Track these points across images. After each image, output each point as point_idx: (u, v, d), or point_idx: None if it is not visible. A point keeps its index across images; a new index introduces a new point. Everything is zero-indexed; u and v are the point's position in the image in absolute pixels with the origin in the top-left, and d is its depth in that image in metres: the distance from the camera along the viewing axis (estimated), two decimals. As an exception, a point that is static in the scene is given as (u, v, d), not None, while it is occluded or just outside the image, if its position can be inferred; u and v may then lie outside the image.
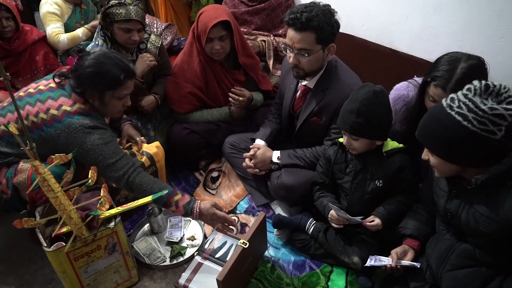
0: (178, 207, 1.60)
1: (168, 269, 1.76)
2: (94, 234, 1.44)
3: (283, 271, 1.72)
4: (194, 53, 2.19)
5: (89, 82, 1.59)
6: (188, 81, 2.21)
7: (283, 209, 1.98)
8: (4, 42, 2.50)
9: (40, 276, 1.75)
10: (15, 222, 1.35)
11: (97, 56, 1.61)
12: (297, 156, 1.90)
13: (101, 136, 1.59)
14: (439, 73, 1.44)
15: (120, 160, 1.60)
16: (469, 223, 1.24)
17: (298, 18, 1.60)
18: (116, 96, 1.65)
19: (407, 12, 2.06)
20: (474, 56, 1.44)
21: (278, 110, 2.14)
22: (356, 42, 2.38)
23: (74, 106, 1.61)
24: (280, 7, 2.60)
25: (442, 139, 1.18)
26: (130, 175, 1.58)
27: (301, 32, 1.63)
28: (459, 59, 1.43)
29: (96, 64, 1.59)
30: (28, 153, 1.30)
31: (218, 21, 2.02)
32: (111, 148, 1.60)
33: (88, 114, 1.62)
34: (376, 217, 1.57)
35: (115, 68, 1.60)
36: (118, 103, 1.69)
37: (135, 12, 2.00)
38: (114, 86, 1.62)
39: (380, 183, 1.60)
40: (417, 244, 1.48)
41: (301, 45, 1.66)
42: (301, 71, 1.76)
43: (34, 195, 1.60)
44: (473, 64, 1.42)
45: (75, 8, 2.93)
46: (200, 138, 2.23)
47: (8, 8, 2.47)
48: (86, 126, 1.58)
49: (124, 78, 1.61)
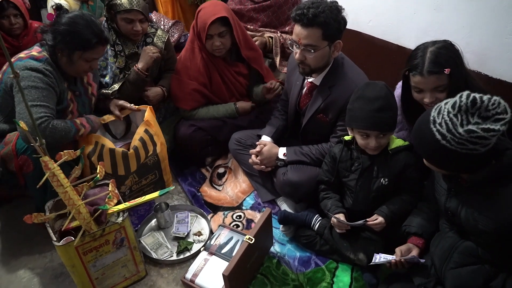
0: (85, 127, 1.76)
1: (175, 264, 1.78)
2: (103, 229, 1.46)
3: (289, 267, 1.73)
4: (196, 50, 2.20)
5: (62, 38, 1.66)
6: (191, 78, 2.22)
7: (289, 205, 1.99)
8: (13, 39, 2.53)
9: (50, 269, 1.78)
10: (26, 217, 1.38)
11: (74, 16, 1.69)
12: (303, 153, 1.90)
13: (36, 79, 1.65)
14: (414, 62, 1.48)
15: (40, 107, 1.63)
16: (468, 221, 1.24)
17: (304, 14, 1.60)
18: (84, 58, 1.71)
19: (414, 8, 2.05)
20: (441, 41, 1.50)
21: (284, 106, 2.14)
22: (363, 38, 2.37)
23: (29, 54, 1.70)
24: (287, 4, 2.60)
25: (427, 150, 1.20)
26: (44, 122, 1.61)
27: (308, 28, 1.63)
28: (427, 46, 1.49)
29: (71, 23, 1.67)
30: (37, 149, 1.32)
31: (217, 18, 2.03)
32: (39, 93, 1.64)
33: (37, 59, 1.69)
34: (379, 216, 1.58)
35: (88, 31, 1.67)
36: (85, 64, 1.74)
37: (136, 2, 2.04)
38: (85, 48, 1.68)
39: (386, 181, 1.60)
40: (421, 242, 1.48)
41: (308, 41, 1.66)
42: (307, 67, 1.76)
43: (21, 162, 1.66)
44: (440, 45, 1.47)
45: (82, 5, 2.95)
46: (206, 134, 2.24)
47: (16, 6, 2.50)
48: (28, 67, 1.65)
49: (95, 43, 1.68)
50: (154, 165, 2.00)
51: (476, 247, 1.27)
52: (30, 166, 1.65)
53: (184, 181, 2.27)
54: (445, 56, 1.44)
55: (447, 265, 1.33)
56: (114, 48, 2.14)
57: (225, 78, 2.27)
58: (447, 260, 1.33)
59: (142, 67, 2.13)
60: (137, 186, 1.99)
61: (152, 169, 2.01)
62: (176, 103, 2.30)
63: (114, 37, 2.12)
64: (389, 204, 1.61)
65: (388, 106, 1.50)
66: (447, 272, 1.33)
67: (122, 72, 2.18)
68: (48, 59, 1.71)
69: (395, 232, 1.59)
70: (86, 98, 1.96)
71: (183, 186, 2.24)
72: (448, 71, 1.43)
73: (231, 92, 2.33)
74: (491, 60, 1.77)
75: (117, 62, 2.15)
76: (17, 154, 1.65)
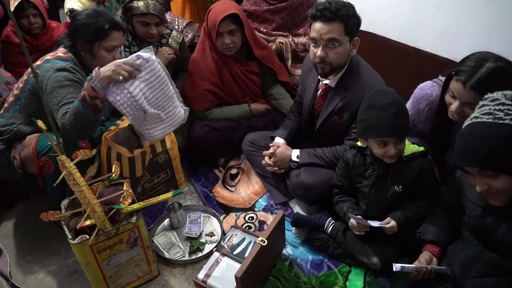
0: (86, 89, 1.48)
1: (187, 264, 1.78)
2: (117, 227, 1.47)
3: (301, 269, 1.72)
4: (207, 50, 2.21)
5: (78, 33, 1.71)
6: (203, 78, 2.23)
7: (302, 207, 1.98)
8: (32, 38, 2.58)
9: (65, 267, 1.80)
10: (42, 215, 1.40)
11: (86, 12, 1.75)
12: (316, 155, 1.89)
13: (62, 78, 1.66)
14: (463, 68, 1.40)
15: (64, 105, 1.61)
16: (505, 240, 1.19)
17: (327, 8, 1.63)
18: (104, 47, 1.73)
19: (432, 10, 2.02)
20: (505, 59, 1.38)
21: (298, 108, 2.13)
22: (379, 40, 2.35)
23: (55, 55, 1.73)
24: (302, 6, 2.59)
25: (496, 152, 1.06)
26: (65, 114, 1.57)
27: (330, 23, 1.65)
28: (488, 58, 1.37)
29: (84, 17, 1.71)
30: (55, 148, 1.34)
31: (226, 15, 2.03)
32: (66, 90, 1.65)
33: (63, 59, 1.72)
34: (392, 219, 1.56)
35: (100, 18, 1.71)
36: (108, 55, 1.75)
37: (153, 6, 2.05)
38: (101, 36, 1.71)
39: (400, 188, 1.57)
40: (437, 250, 1.45)
41: (331, 35, 1.66)
42: (328, 66, 1.74)
43: (42, 164, 1.67)
44: (500, 66, 1.35)
45: (98, 5, 2.98)
46: (220, 135, 2.24)
47: (36, 5, 2.55)
48: (55, 68, 1.67)
49: (109, 28, 1.71)
50: (165, 163, 2.02)
51: (501, 259, 1.23)
52: (51, 167, 1.66)
53: (197, 182, 2.28)
54: (498, 80, 1.32)
55: (468, 273, 1.30)
56: (130, 49, 2.16)
57: (236, 78, 2.28)
58: (469, 268, 1.30)
59: None
60: (150, 185, 2.01)
61: (164, 167, 2.02)
62: (189, 104, 2.31)
63: (130, 38, 2.14)
64: (403, 209, 1.58)
65: (402, 111, 1.49)
66: (467, 280, 1.30)
67: None
68: (74, 59, 1.74)
69: (410, 237, 1.56)
70: (106, 100, 1.97)
71: (196, 187, 2.25)
72: None
73: (243, 91, 2.33)
74: None
75: None
76: (37, 156, 1.67)
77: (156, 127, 1.65)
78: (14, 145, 1.77)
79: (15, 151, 1.75)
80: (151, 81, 1.55)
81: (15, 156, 1.74)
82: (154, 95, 1.57)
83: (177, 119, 1.71)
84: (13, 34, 2.61)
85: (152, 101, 1.57)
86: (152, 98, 1.56)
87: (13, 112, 1.78)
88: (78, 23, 1.71)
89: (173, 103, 1.67)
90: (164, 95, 1.61)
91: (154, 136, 1.66)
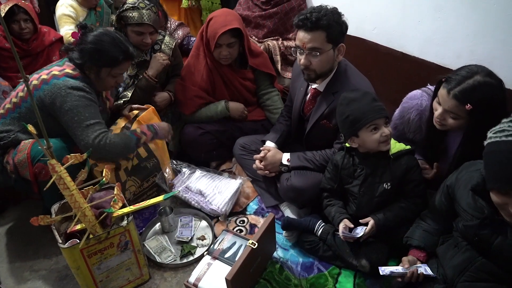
0: (146, 134, 1.83)
1: (179, 268, 1.79)
2: (108, 231, 1.47)
3: (292, 272, 1.73)
4: (201, 56, 2.23)
5: (89, 57, 1.72)
6: (194, 84, 2.24)
7: (292, 211, 1.99)
8: (23, 43, 2.57)
9: (55, 272, 1.79)
10: (32, 219, 1.39)
11: (100, 34, 1.73)
12: (306, 159, 1.91)
13: (81, 97, 1.68)
14: (454, 76, 1.42)
15: (94, 125, 1.68)
16: (501, 251, 1.21)
17: (308, 18, 1.65)
18: (112, 74, 1.77)
19: (419, 16, 2.06)
20: (496, 77, 1.39)
21: (288, 112, 2.16)
22: (367, 45, 2.38)
23: (63, 71, 1.72)
24: (293, 11, 2.62)
25: None
26: (102, 139, 1.68)
27: (312, 32, 1.67)
28: (478, 72, 1.39)
29: (98, 41, 1.71)
30: (46, 152, 1.35)
31: (228, 29, 2.03)
32: (88, 111, 1.68)
33: (74, 77, 1.72)
34: (372, 219, 1.61)
35: (115, 48, 1.73)
36: (112, 80, 1.81)
37: (147, 16, 2.05)
38: (112, 65, 1.74)
39: (388, 185, 1.61)
40: (422, 256, 1.48)
41: (312, 44, 1.68)
42: (312, 72, 1.77)
43: (38, 170, 1.67)
44: (488, 82, 1.36)
45: (90, 11, 2.99)
46: (213, 138, 2.26)
47: (26, 11, 2.54)
48: (69, 86, 1.67)
49: (122, 60, 1.75)
50: (154, 168, 2.05)
51: (494, 267, 1.26)
52: (48, 173, 1.65)
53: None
54: (481, 94, 1.35)
55: (461, 277, 1.32)
56: None
57: (229, 85, 2.29)
58: (462, 272, 1.32)
59: (152, 74, 2.16)
60: (139, 190, 2.02)
61: (153, 171, 2.05)
62: (179, 107, 2.33)
63: None
64: (386, 211, 1.63)
65: (375, 97, 1.60)
66: (459, 284, 1.31)
67: (132, 79, 2.22)
68: (84, 77, 1.75)
69: (399, 239, 1.59)
70: (105, 113, 1.98)
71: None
72: (469, 107, 1.37)
73: (235, 98, 2.34)
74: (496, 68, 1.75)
75: (128, 71, 2.18)
76: (32, 162, 1.67)
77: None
78: (8, 150, 1.76)
79: (9, 155, 1.74)
80: None
81: (8, 160, 1.73)
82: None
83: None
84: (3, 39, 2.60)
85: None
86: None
87: (10, 119, 1.76)
88: (90, 46, 1.70)
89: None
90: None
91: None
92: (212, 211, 2.00)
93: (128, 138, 1.78)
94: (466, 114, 1.40)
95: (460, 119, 1.44)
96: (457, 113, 1.43)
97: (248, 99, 2.39)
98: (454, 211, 1.40)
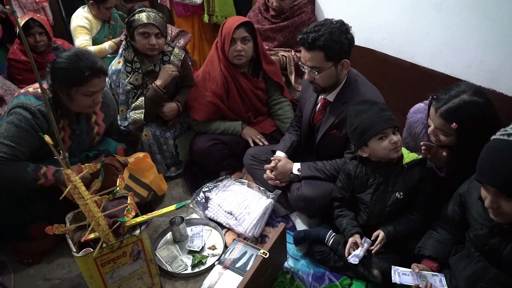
0: (47, 178, 1.70)
1: (190, 277, 1.79)
2: (120, 241, 1.49)
3: (302, 282, 1.73)
4: (215, 62, 2.28)
5: (55, 76, 1.65)
6: (209, 90, 2.28)
7: (303, 220, 1.99)
8: (38, 56, 2.64)
9: (68, 280, 1.81)
10: (47, 228, 1.42)
11: (68, 53, 1.66)
12: (317, 169, 1.92)
13: (23, 119, 1.64)
14: (442, 94, 1.45)
15: (4, 146, 1.61)
16: (510, 260, 1.21)
17: (305, 39, 1.68)
18: (82, 92, 1.67)
19: (428, 27, 2.07)
20: (484, 95, 1.40)
21: (298, 122, 2.17)
22: (377, 56, 2.40)
23: (36, 89, 1.71)
24: (303, 25, 2.64)
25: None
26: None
27: (310, 51, 1.70)
28: (465, 91, 1.40)
29: (62, 61, 1.64)
30: (61, 162, 1.37)
31: (241, 23, 2.15)
32: (16, 132, 1.63)
33: (38, 97, 1.68)
34: (382, 231, 1.62)
35: (79, 64, 1.63)
36: (86, 99, 1.70)
37: (153, 17, 2.14)
38: (79, 82, 1.64)
39: (401, 195, 1.61)
40: (435, 266, 1.47)
41: (311, 63, 1.72)
42: (318, 86, 1.81)
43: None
44: (474, 101, 1.38)
45: (103, 24, 3.06)
46: (224, 148, 2.29)
47: (41, 24, 2.61)
48: (21, 105, 1.65)
49: (88, 76, 1.64)
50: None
51: (506, 276, 1.25)
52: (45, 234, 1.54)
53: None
54: (467, 113, 1.37)
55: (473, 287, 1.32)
56: (132, 65, 2.21)
57: (242, 93, 2.33)
58: (475, 284, 1.31)
59: (160, 84, 2.20)
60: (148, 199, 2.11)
61: None
62: (189, 112, 2.35)
63: (133, 55, 2.20)
64: (396, 223, 1.63)
65: (383, 107, 1.61)
66: None
67: (139, 89, 2.26)
68: (51, 98, 1.70)
69: (410, 249, 1.58)
70: (88, 137, 1.92)
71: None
72: (455, 126, 1.39)
73: (247, 107, 2.38)
74: (505, 78, 1.78)
75: (133, 78, 2.22)
76: None
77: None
78: None
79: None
80: None
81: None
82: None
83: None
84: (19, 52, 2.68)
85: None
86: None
87: None
88: (56, 65, 1.64)
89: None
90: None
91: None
92: (241, 234, 1.99)
93: (22, 174, 1.65)
94: (454, 131, 1.43)
95: (450, 136, 1.47)
96: (445, 131, 1.46)
97: (259, 109, 2.42)
98: (467, 220, 1.40)
